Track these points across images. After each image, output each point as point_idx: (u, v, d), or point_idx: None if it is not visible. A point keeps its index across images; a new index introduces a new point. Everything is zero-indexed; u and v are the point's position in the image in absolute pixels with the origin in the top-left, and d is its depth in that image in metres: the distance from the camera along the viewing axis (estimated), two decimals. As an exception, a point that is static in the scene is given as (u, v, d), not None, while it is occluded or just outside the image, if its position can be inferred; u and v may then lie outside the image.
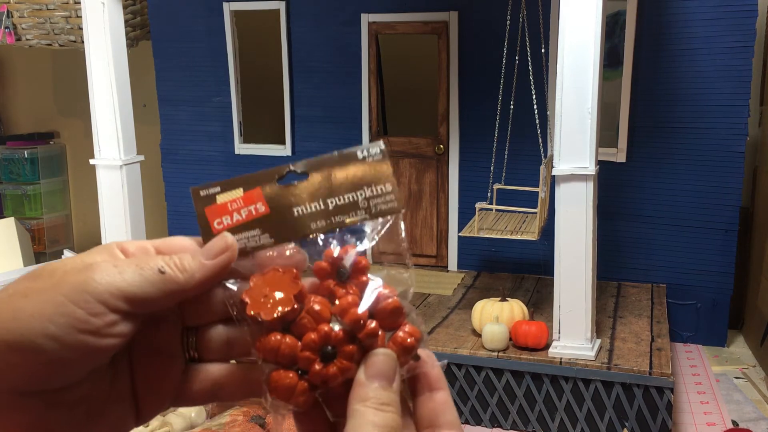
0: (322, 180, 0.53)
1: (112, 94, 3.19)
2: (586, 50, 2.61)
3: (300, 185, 0.53)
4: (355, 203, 0.53)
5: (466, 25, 3.81)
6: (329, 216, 0.52)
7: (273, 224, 0.52)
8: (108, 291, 0.46)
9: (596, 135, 2.66)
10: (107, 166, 3.28)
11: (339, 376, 0.48)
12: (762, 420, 2.88)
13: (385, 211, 0.52)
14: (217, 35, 4.23)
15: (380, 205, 0.53)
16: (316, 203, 0.53)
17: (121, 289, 0.46)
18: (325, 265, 0.51)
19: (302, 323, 0.49)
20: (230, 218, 0.53)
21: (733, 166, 3.50)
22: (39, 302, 0.45)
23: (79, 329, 0.45)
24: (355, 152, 0.53)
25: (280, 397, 0.49)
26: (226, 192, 0.53)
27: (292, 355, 0.48)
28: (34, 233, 5.29)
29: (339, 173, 0.53)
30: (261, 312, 0.49)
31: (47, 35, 4.41)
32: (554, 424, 2.86)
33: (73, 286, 0.46)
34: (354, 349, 0.48)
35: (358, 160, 0.53)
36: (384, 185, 0.53)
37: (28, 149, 5.32)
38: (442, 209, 4.02)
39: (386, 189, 0.53)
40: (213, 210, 0.53)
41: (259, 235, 0.52)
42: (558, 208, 2.75)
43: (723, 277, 3.60)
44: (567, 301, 2.77)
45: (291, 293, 0.49)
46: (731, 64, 3.42)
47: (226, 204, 0.53)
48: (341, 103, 4.10)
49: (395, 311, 0.49)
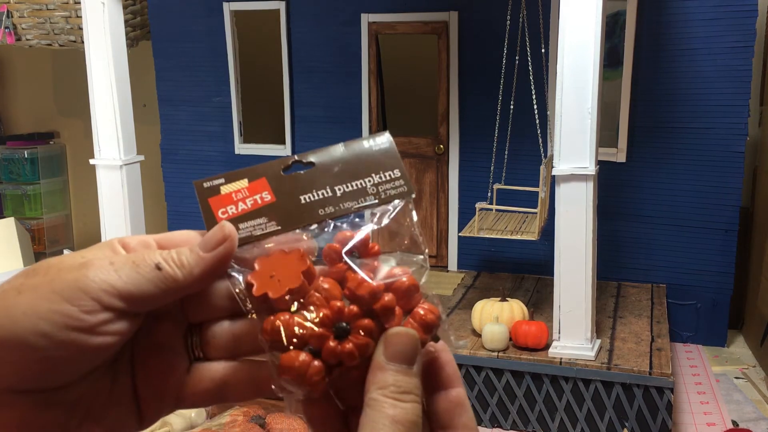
0: (329, 168, 0.52)
1: (112, 94, 3.19)
2: (586, 50, 2.61)
3: (306, 173, 0.52)
4: (364, 189, 0.51)
5: (466, 25, 3.81)
6: (338, 202, 0.51)
7: (280, 212, 0.51)
8: (102, 288, 0.45)
9: (596, 135, 2.66)
10: (107, 166, 3.28)
11: (355, 353, 0.45)
12: (762, 420, 2.88)
13: (394, 196, 0.51)
14: (217, 35, 4.23)
15: (389, 191, 0.51)
16: (324, 191, 0.52)
17: (116, 286, 0.45)
18: (336, 247, 0.49)
19: (312, 301, 0.46)
20: (235, 208, 0.51)
21: (733, 166, 3.50)
22: (32, 299, 0.44)
23: (71, 327, 0.44)
24: (361, 142, 0.53)
25: (292, 380, 0.45)
26: (230, 183, 0.53)
27: (302, 334, 0.45)
28: (34, 233, 5.29)
29: (346, 161, 0.52)
30: (269, 291, 0.46)
31: (47, 35, 4.41)
32: (554, 424, 2.86)
33: (67, 284, 0.45)
34: (371, 324, 0.45)
35: (365, 149, 0.53)
36: (392, 171, 0.52)
37: (28, 149, 5.32)
38: (442, 209, 4.01)
39: (395, 174, 0.52)
40: (217, 200, 0.52)
41: (266, 223, 0.51)
42: (558, 208, 2.75)
43: (723, 277, 3.60)
44: (567, 301, 2.77)
45: (299, 270, 0.47)
46: (731, 64, 3.42)
47: (231, 194, 0.52)
48: (341, 103, 4.10)
49: (411, 288, 0.48)
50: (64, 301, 0.44)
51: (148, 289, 0.46)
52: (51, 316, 0.44)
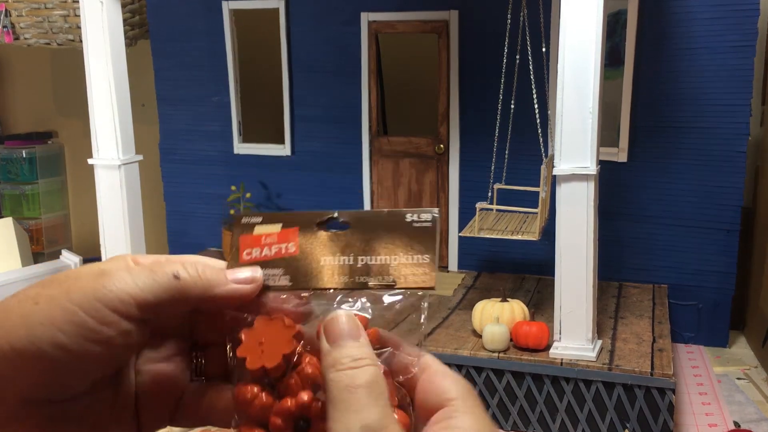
0: (361, 234, 0.50)
1: (110, 94, 3.18)
2: (587, 50, 2.60)
3: (337, 234, 0.51)
4: (386, 266, 0.49)
5: (466, 24, 3.80)
6: (354, 274, 0.49)
7: (297, 268, 0.50)
8: (119, 298, 0.45)
9: (597, 135, 2.65)
10: (106, 166, 3.26)
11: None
12: (764, 421, 2.87)
13: (414, 284, 0.48)
14: (216, 34, 4.22)
15: (410, 276, 0.48)
16: (346, 257, 0.50)
17: (134, 295, 0.45)
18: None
19: (289, 383, 0.46)
20: (260, 251, 0.51)
21: (734, 166, 3.48)
22: (49, 309, 0.44)
23: (88, 338, 0.44)
24: (403, 214, 0.50)
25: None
26: (265, 224, 0.52)
27: (263, 415, 0.45)
28: (32, 233, 5.28)
29: (380, 231, 0.50)
30: (248, 357, 0.46)
31: (45, 34, 4.40)
32: (555, 425, 2.85)
33: (84, 294, 0.45)
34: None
35: (405, 223, 0.50)
36: (423, 256, 0.49)
37: (26, 149, 5.30)
38: (443, 209, 4.00)
39: (424, 260, 0.49)
40: (247, 240, 0.52)
41: (280, 276, 0.50)
42: (559, 208, 2.74)
43: (725, 278, 3.59)
44: (568, 302, 2.76)
45: (283, 350, 0.46)
46: (733, 63, 3.41)
47: (261, 237, 0.52)
48: (341, 103, 4.09)
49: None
50: (81, 312, 0.44)
51: (164, 297, 0.46)
52: (68, 327, 0.44)
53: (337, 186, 4.16)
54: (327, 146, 4.14)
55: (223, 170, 4.38)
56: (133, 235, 3.30)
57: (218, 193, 4.36)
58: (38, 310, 0.44)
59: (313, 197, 4.21)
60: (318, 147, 4.15)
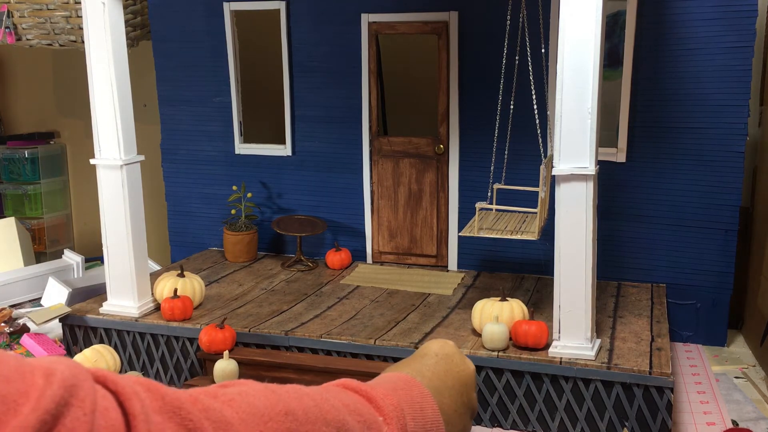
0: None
1: (112, 94, 3.20)
2: (586, 50, 2.61)
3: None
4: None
5: (466, 25, 3.81)
6: None
7: None
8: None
9: (596, 135, 2.66)
10: (107, 166, 3.28)
11: None
12: (762, 420, 2.88)
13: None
14: (218, 35, 4.23)
15: None
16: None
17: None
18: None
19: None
20: None
21: (733, 166, 3.50)
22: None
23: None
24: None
25: None
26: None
27: None
28: (34, 233, 5.30)
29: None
30: None
31: (47, 35, 4.41)
32: (554, 424, 2.86)
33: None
34: None
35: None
36: None
37: (28, 149, 5.32)
38: (442, 209, 4.02)
39: None
40: None
41: None
42: (558, 208, 2.75)
43: (723, 277, 3.60)
44: (567, 301, 2.77)
45: None
46: (731, 64, 3.42)
47: None
48: (341, 103, 4.10)
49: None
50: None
51: None
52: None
53: (338, 186, 4.18)
54: (327, 146, 4.16)
55: (224, 170, 4.39)
56: (134, 235, 3.31)
57: (219, 193, 4.38)
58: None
59: (313, 197, 4.23)
60: (318, 147, 4.17)
